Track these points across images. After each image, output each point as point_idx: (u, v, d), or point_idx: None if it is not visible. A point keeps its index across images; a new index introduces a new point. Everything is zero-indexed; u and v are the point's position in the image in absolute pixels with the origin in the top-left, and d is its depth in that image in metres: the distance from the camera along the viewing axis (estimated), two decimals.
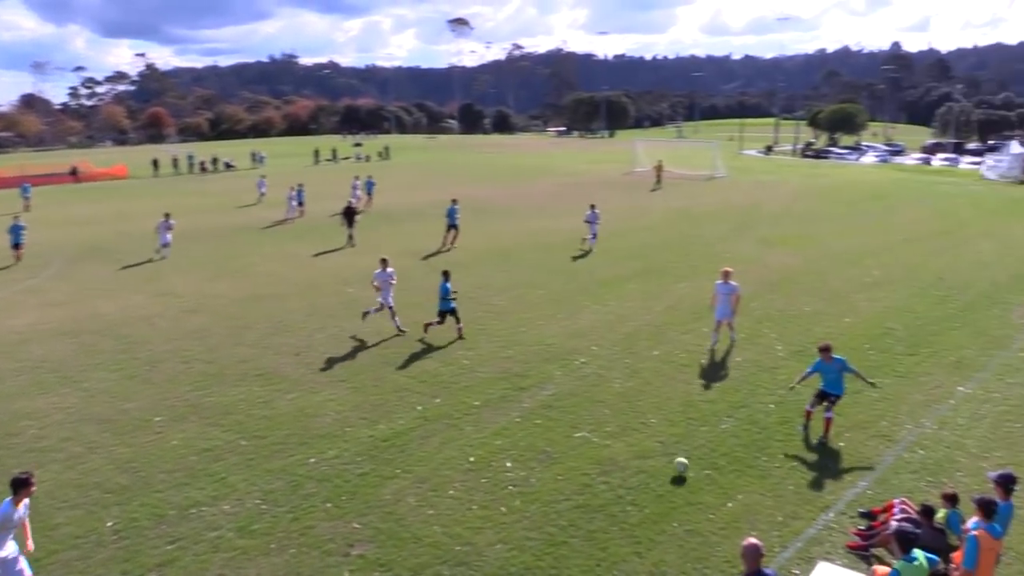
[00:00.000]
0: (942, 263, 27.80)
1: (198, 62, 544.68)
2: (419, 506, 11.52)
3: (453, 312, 19.35)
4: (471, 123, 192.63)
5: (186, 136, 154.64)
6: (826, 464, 12.73)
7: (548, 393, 15.73)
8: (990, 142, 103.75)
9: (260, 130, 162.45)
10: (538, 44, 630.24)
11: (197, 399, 15.60)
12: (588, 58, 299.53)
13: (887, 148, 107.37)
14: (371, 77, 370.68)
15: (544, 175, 63.01)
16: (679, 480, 12.15)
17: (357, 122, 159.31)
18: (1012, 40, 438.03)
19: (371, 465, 12.76)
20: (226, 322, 20.98)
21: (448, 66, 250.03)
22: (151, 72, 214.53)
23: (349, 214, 32.73)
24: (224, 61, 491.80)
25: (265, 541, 10.69)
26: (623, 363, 17.47)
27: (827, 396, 13.86)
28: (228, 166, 72.67)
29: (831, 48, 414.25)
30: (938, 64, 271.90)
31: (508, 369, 17.11)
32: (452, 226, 31.70)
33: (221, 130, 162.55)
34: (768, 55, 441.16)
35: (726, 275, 18.12)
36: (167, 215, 30.81)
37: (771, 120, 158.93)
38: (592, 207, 31.35)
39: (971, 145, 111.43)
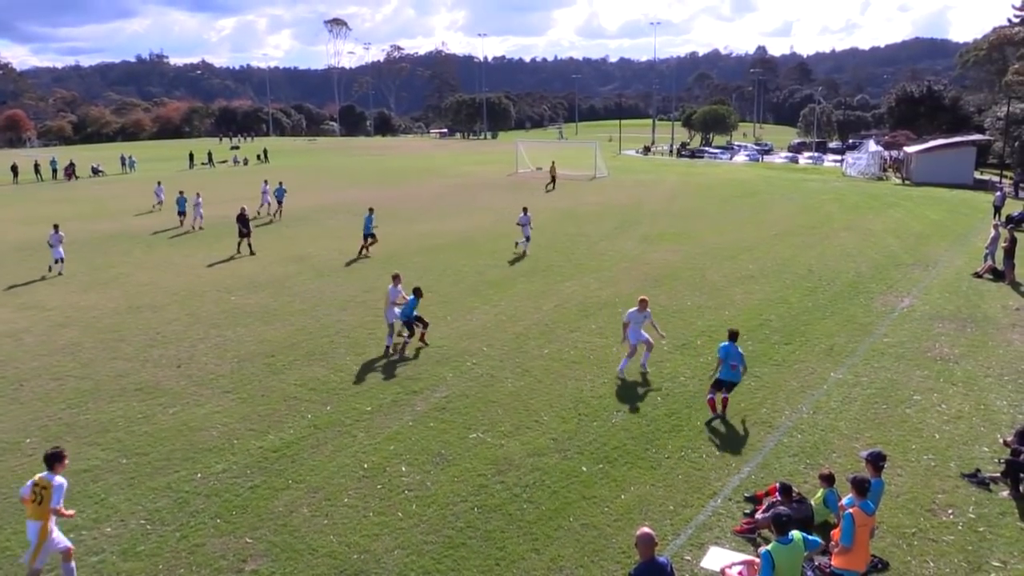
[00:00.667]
0: (811, 256, 29.28)
1: (58, 61, 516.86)
2: (313, 516, 11.27)
3: (420, 320, 18.82)
4: (352, 125, 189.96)
5: (48, 140, 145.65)
6: (712, 452, 13.20)
7: (441, 395, 15.68)
8: (850, 141, 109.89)
9: (129, 133, 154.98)
10: (418, 45, 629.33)
11: (72, 417, 14.76)
12: (468, 60, 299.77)
13: (757, 147, 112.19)
14: (247, 78, 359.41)
15: (428, 177, 62.79)
16: (573, 475, 12.34)
17: (233, 124, 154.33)
18: (865, 45, 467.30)
19: (262, 477, 12.40)
20: (100, 336, 19.94)
21: (327, 67, 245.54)
22: (6, 72, 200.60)
23: (243, 220, 30.90)
24: (87, 61, 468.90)
25: (152, 563, 10.21)
26: (514, 362, 17.61)
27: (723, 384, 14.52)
28: (95, 171, 69.04)
29: (702, 52, 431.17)
30: (800, 68, 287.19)
31: (399, 373, 16.96)
32: (369, 235, 30.29)
33: (86, 133, 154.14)
34: (643, 58, 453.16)
35: (643, 304, 16.59)
36: (56, 226, 28.45)
37: (648, 121, 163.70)
38: (524, 210, 30.91)
39: (833, 144, 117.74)
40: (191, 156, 79.14)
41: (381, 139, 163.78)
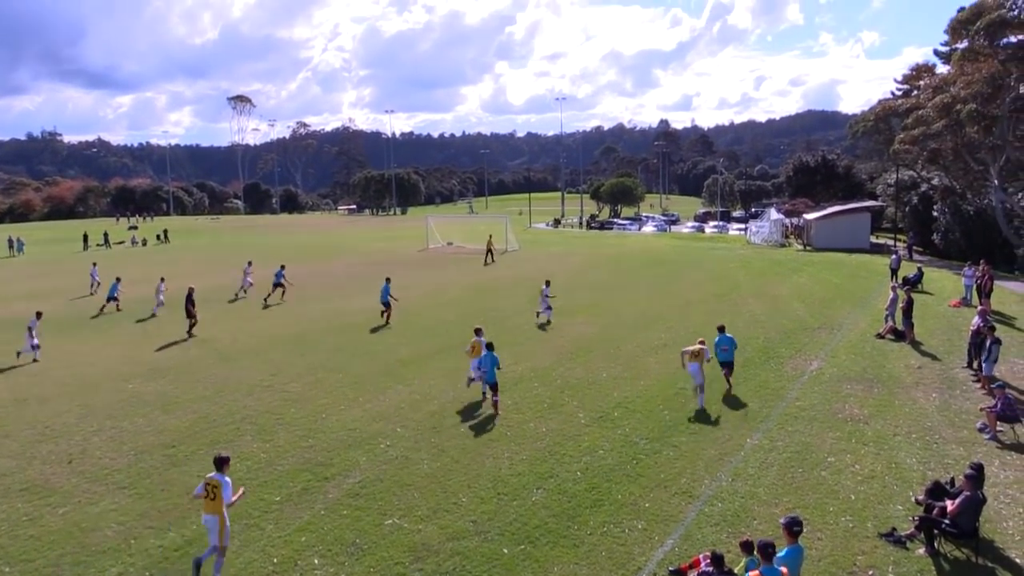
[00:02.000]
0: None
1: None
2: None
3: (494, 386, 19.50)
4: (257, 202, 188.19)
5: None
6: (634, 526, 13.16)
7: (354, 481, 15.26)
8: (752, 210, 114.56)
9: (18, 214, 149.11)
10: (324, 122, 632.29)
11: None
12: (376, 136, 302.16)
13: (664, 218, 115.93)
14: (146, 156, 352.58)
15: (338, 254, 62.35)
16: (495, 559, 12.09)
17: (132, 204, 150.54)
18: (762, 118, 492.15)
19: None
20: None
21: (230, 144, 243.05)
22: None
23: (191, 301, 30.48)
24: None
25: None
26: (430, 443, 17.33)
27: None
28: None
29: (607, 126, 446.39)
30: (702, 140, 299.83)
31: (310, 459, 16.46)
32: (386, 303, 31.61)
33: None
34: (549, 132, 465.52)
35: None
36: (39, 314, 27.24)
37: (557, 194, 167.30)
38: (547, 283, 32.44)
39: (736, 213, 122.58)
40: (85, 237, 76.59)
41: (287, 216, 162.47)
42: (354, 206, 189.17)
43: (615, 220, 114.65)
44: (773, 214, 75.46)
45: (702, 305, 34.50)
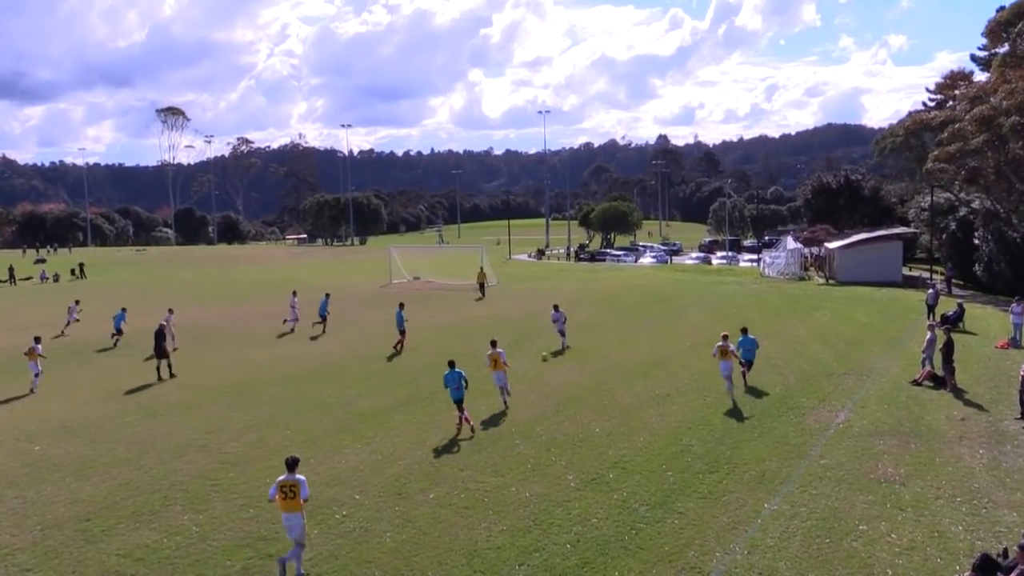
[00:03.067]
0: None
1: None
2: None
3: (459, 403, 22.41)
4: (191, 231, 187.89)
5: None
6: None
7: (304, 558, 15.01)
8: (766, 238, 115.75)
9: None
10: (269, 138, 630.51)
11: None
12: (330, 154, 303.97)
13: (664, 248, 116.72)
14: (59, 177, 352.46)
15: (284, 291, 61.85)
16: None
17: (42, 233, 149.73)
18: (775, 133, 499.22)
19: None
20: None
21: (159, 163, 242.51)
22: None
23: (161, 337, 31.66)
24: None
25: None
26: (393, 511, 17.13)
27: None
28: None
29: (597, 142, 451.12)
30: (707, 158, 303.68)
31: (251, 533, 16.21)
32: (402, 331, 35.58)
33: None
34: (531, 150, 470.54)
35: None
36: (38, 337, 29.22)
37: (540, 220, 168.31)
38: (556, 307, 36.04)
39: (748, 242, 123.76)
40: None
41: (227, 247, 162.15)
42: (304, 235, 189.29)
43: (608, 251, 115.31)
44: (790, 243, 76.20)
45: (709, 348, 34.40)
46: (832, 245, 67.61)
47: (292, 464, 14.63)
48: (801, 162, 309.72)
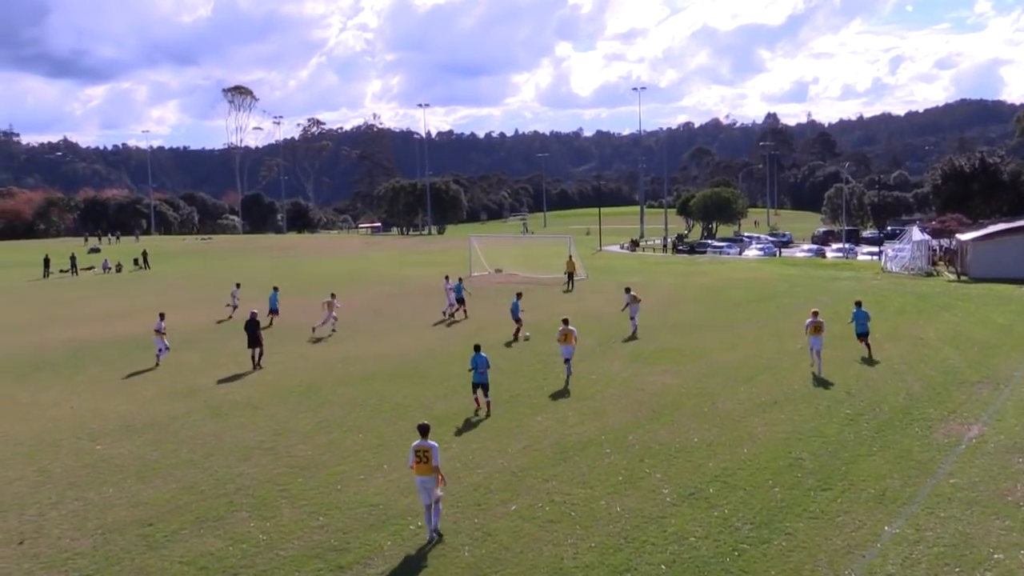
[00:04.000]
0: (849, 374, 29.57)
1: None
2: None
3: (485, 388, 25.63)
4: (259, 219, 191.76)
5: None
6: None
7: (375, 572, 15.27)
8: (888, 228, 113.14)
9: None
10: (342, 119, 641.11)
11: None
12: (407, 136, 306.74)
13: (772, 239, 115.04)
14: (122, 161, 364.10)
15: (358, 284, 63.01)
16: None
17: (105, 220, 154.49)
18: (900, 110, 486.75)
19: None
20: None
21: (226, 146, 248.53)
22: None
23: (254, 327, 33.31)
24: None
25: None
26: (472, 523, 17.29)
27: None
28: None
29: (698, 122, 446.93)
30: (821, 139, 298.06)
31: (321, 542, 16.54)
32: (460, 300, 44.69)
33: None
34: (625, 131, 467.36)
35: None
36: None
37: (634, 208, 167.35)
38: (627, 289, 40.30)
39: (867, 233, 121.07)
40: (47, 261, 78.74)
41: (296, 236, 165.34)
42: (379, 224, 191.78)
43: (709, 242, 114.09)
44: (916, 234, 74.30)
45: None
46: (965, 237, 65.80)
47: (424, 430, 16.84)
48: (929, 143, 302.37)
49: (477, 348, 26.06)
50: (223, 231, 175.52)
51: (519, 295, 39.92)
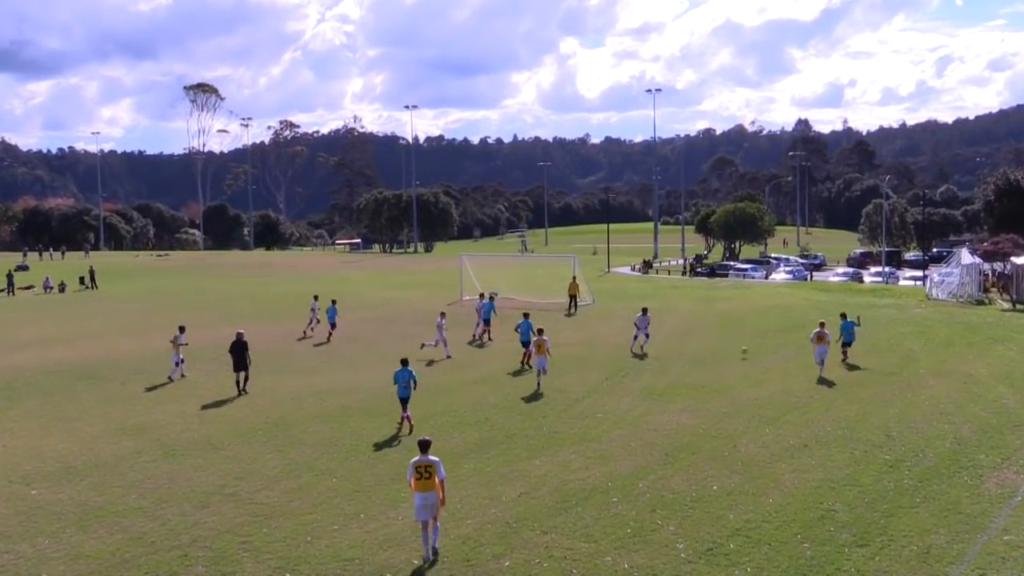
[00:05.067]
0: (889, 415, 29.53)
1: None
2: None
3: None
4: (223, 234, 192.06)
5: None
6: None
7: None
8: (935, 250, 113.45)
9: None
10: (318, 122, 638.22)
11: None
12: (391, 142, 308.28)
13: (803, 261, 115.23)
14: (67, 166, 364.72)
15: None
16: None
17: (47, 233, 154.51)
18: (948, 117, 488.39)
19: None
20: None
21: (187, 151, 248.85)
22: None
23: (241, 349, 34.48)
24: None
25: None
26: None
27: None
28: None
29: (720, 128, 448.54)
30: (859, 149, 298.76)
31: None
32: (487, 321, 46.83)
33: None
34: (637, 138, 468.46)
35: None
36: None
37: (647, 225, 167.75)
38: (644, 311, 43.15)
39: (910, 255, 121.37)
40: None
41: (265, 253, 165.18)
42: (358, 240, 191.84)
43: (731, 263, 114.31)
44: (965, 257, 74.41)
45: (858, 388, 33.99)
46: (1021, 260, 65.94)
47: (424, 445, 18.40)
48: (981, 154, 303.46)
49: (404, 362, 28.98)
50: (182, 246, 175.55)
51: (526, 315, 40.89)
